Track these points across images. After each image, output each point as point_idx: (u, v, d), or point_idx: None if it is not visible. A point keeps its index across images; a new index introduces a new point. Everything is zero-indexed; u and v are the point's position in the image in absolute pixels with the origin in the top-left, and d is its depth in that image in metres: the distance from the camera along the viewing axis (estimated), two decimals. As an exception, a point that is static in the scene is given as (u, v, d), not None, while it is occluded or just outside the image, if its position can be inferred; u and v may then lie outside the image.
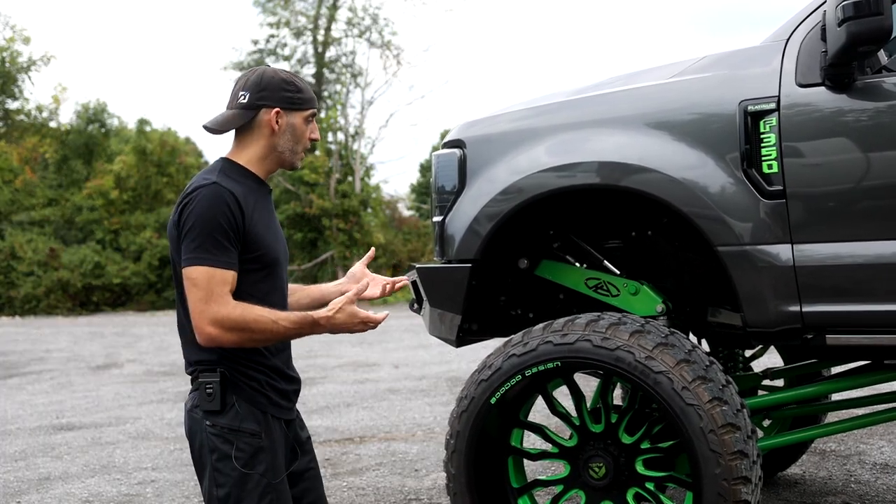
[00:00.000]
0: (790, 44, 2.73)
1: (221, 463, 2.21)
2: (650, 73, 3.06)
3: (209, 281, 2.14)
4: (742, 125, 2.70)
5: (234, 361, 2.25)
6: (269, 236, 2.31)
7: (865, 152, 2.59)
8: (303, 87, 2.35)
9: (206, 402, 2.23)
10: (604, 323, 2.77)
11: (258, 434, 2.24)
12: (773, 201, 2.66)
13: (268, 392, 2.29)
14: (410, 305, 3.69)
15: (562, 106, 3.11)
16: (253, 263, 2.25)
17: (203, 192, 2.19)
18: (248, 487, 2.21)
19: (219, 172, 2.27)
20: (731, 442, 2.59)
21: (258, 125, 2.31)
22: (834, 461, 4.67)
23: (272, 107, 2.29)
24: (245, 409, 2.24)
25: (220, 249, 2.16)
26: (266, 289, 2.30)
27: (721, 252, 2.74)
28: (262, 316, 2.16)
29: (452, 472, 2.95)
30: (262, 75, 2.32)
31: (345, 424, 6.40)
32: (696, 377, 2.64)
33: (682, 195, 2.78)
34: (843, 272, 2.62)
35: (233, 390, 2.24)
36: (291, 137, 2.33)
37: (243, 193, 2.24)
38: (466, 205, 3.14)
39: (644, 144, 2.87)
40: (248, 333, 2.16)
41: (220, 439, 2.22)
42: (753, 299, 2.72)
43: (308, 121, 2.36)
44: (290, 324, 2.20)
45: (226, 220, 2.17)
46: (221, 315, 2.13)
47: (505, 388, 2.86)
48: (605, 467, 2.84)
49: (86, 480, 4.99)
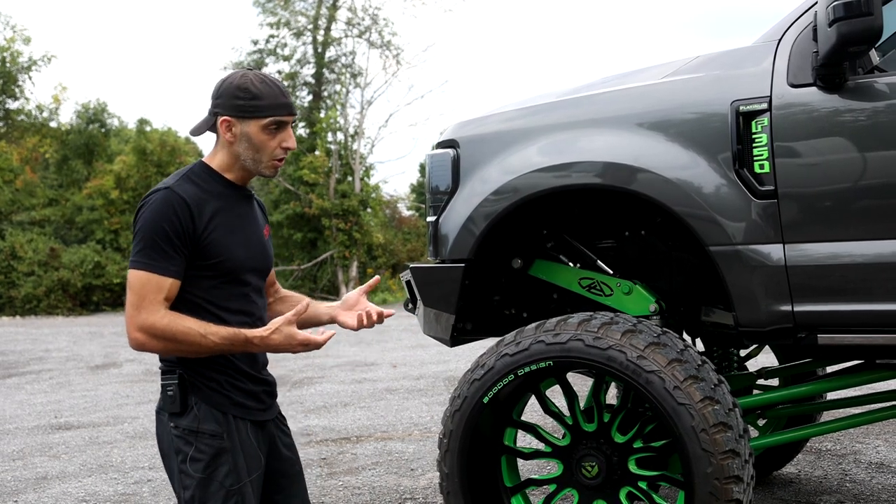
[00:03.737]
0: (782, 44, 2.74)
1: (185, 465, 2.21)
2: (643, 73, 3.07)
3: (143, 286, 2.13)
4: (734, 125, 2.71)
5: (194, 362, 2.23)
6: (231, 243, 2.26)
7: (857, 152, 2.59)
8: (259, 93, 2.21)
9: (168, 404, 2.23)
10: (596, 322, 2.78)
11: (219, 435, 2.22)
12: (765, 201, 2.67)
13: (229, 392, 2.27)
14: (405, 305, 3.70)
15: (555, 106, 3.12)
16: (209, 270, 2.22)
17: (155, 196, 2.19)
18: (210, 490, 2.20)
19: (182, 176, 2.25)
20: (722, 441, 2.59)
21: (218, 133, 2.28)
22: (829, 460, 4.68)
23: (223, 115, 2.23)
24: (204, 411, 2.22)
25: (160, 255, 2.14)
26: (224, 295, 2.26)
27: (713, 252, 2.75)
28: (189, 329, 2.14)
29: (446, 472, 2.96)
30: (223, 81, 2.26)
31: (342, 424, 6.41)
32: (687, 376, 2.65)
33: (674, 195, 2.79)
34: (834, 272, 2.62)
35: (192, 392, 2.23)
36: (249, 147, 2.25)
37: (201, 199, 2.21)
38: (460, 205, 3.15)
39: (636, 144, 2.87)
40: (174, 343, 2.14)
41: (183, 441, 2.21)
42: (745, 299, 2.73)
43: (269, 129, 2.23)
44: (220, 339, 2.16)
45: (171, 226, 2.14)
46: (149, 322, 2.12)
47: (498, 387, 2.86)
48: (597, 466, 2.84)
49: (83, 480, 5.00)
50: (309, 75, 29.25)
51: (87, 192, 29.21)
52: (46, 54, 31.52)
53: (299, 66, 29.11)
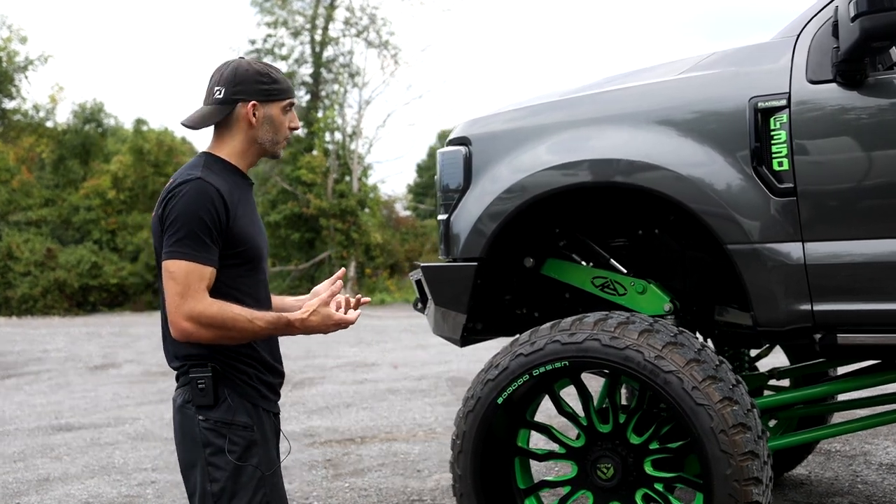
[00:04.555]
0: (801, 40, 2.70)
1: (215, 457, 2.20)
2: (658, 70, 3.04)
3: (187, 276, 2.14)
4: (752, 122, 2.67)
5: (225, 356, 2.24)
6: (252, 231, 2.31)
7: (877, 149, 2.56)
8: (278, 77, 2.34)
9: (198, 397, 2.22)
10: (612, 322, 2.74)
11: (250, 427, 2.24)
12: (784, 199, 2.64)
13: (257, 385, 2.29)
14: (414, 305, 3.66)
15: (569, 102, 3.08)
16: (237, 258, 2.25)
17: (188, 187, 2.19)
18: (242, 481, 2.21)
19: (202, 167, 2.26)
20: (741, 442, 2.56)
21: (236, 119, 2.30)
22: (839, 461, 4.65)
23: (248, 100, 2.28)
24: (237, 403, 2.24)
25: (200, 245, 2.15)
26: (251, 283, 2.30)
27: (731, 250, 2.71)
28: (238, 315, 2.16)
29: (459, 473, 2.92)
30: (237, 69, 2.31)
31: (345, 425, 6.36)
32: (706, 377, 2.61)
33: (691, 193, 2.75)
34: (854, 270, 2.59)
35: (224, 384, 2.23)
36: (270, 129, 2.33)
37: (228, 189, 2.24)
38: (472, 203, 3.11)
39: (652, 141, 2.84)
40: (223, 331, 2.16)
41: (214, 433, 2.21)
42: (764, 298, 2.69)
43: (286, 110, 2.35)
44: (266, 324, 2.19)
45: (209, 216, 2.16)
46: (198, 311, 2.13)
47: (512, 387, 2.83)
48: (613, 468, 2.81)
49: (85, 482, 4.95)
50: (307, 75, 29.20)
51: (83, 192, 29.13)
52: (43, 54, 31.42)
53: (297, 65, 29.06)
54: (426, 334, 14.23)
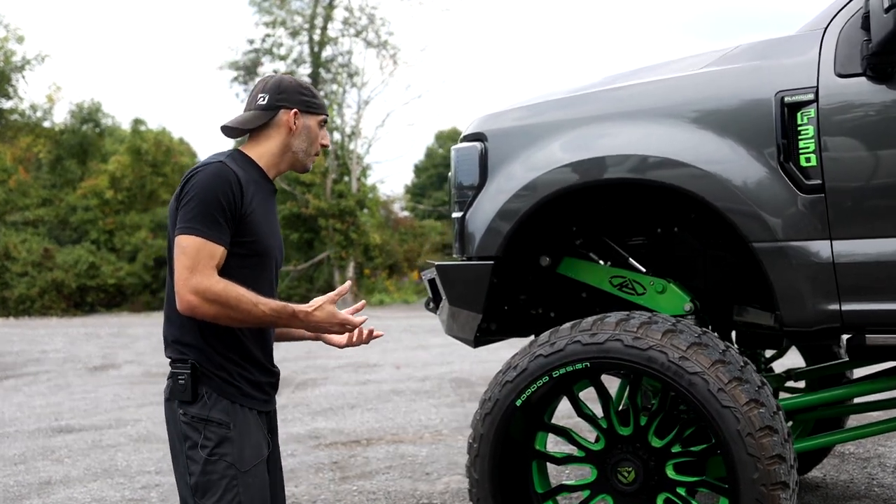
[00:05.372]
0: (828, 32, 2.63)
1: (192, 451, 2.24)
2: (679, 63, 2.96)
3: (198, 251, 2.18)
4: (778, 117, 2.60)
5: (209, 351, 2.27)
6: (265, 227, 2.36)
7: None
8: (317, 93, 2.49)
9: (178, 392, 2.27)
10: (635, 322, 2.67)
11: (226, 424, 2.26)
12: (812, 196, 2.57)
13: (239, 383, 2.31)
14: (426, 304, 3.59)
15: (588, 97, 3.00)
16: (243, 248, 2.29)
17: (208, 168, 2.26)
18: (213, 477, 2.24)
19: (227, 156, 2.34)
20: (769, 445, 2.49)
21: (276, 125, 2.40)
22: (854, 464, 4.58)
23: (291, 108, 2.40)
24: (214, 399, 2.26)
25: (213, 224, 2.20)
26: (254, 276, 2.32)
27: (756, 248, 2.64)
28: (243, 296, 2.19)
29: (476, 478, 2.84)
30: (281, 80, 2.44)
31: (350, 426, 6.29)
32: (731, 378, 2.54)
33: (716, 190, 2.68)
34: (884, 269, 2.52)
35: (203, 381, 2.26)
36: (306, 139, 2.43)
37: (247, 180, 2.30)
38: (488, 200, 3.04)
39: (675, 137, 2.77)
40: (227, 310, 2.17)
41: (191, 428, 2.25)
42: (790, 298, 2.62)
43: (320, 125, 2.46)
44: (270, 310, 2.23)
45: (225, 197, 2.21)
46: (205, 285, 2.16)
47: (531, 389, 2.76)
48: (634, 472, 2.74)
49: (88, 485, 4.87)
50: (305, 75, 29.09)
51: (81, 192, 29.05)
52: (40, 53, 31.33)
53: (295, 65, 28.97)
54: (427, 335, 14.14)
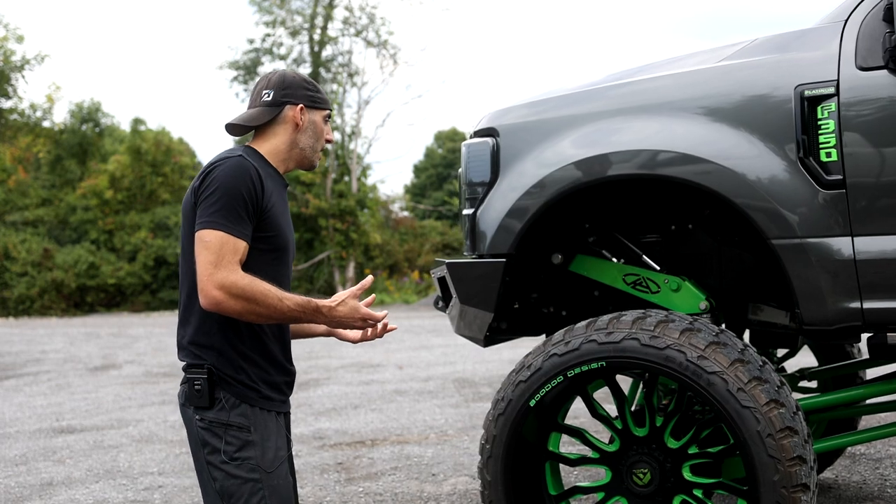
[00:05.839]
0: (849, 25, 2.58)
1: (212, 456, 2.21)
2: (695, 58, 2.92)
3: (222, 246, 2.14)
4: (798, 111, 2.56)
5: (225, 354, 2.23)
6: (283, 222, 2.34)
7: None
8: (320, 88, 2.46)
9: (194, 398, 2.23)
10: (651, 320, 2.62)
11: (246, 428, 2.23)
12: (832, 191, 2.52)
13: (258, 385, 2.27)
14: (435, 303, 3.53)
15: (602, 92, 2.95)
16: (264, 243, 2.26)
17: (229, 162, 2.23)
18: (238, 482, 2.21)
19: (243, 151, 2.32)
20: (789, 447, 2.44)
21: (282, 121, 2.37)
22: (865, 465, 4.53)
23: (296, 103, 2.37)
24: (232, 404, 2.23)
25: (236, 218, 2.17)
26: (274, 271, 2.29)
27: (776, 245, 2.59)
28: (268, 290, 2.16)
29: (488, 479, 2.79)
30: (284, 75, 2.41)
31: (354, 427, 6.23)
32: (751, 377, 2.49)
33: (734, 185, 2.63)
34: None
35: (221, 385, 2.23)
36: (313, 134, 2.40)
37: (264, 174, 2.28)
38: (500, 197, 2.98)
39: (691, 132, 2.72)
40: (252, 304, 2.14)
41: (210, 433, 2.22)
42: (810, 295, 2.57)
43: (325, 120, 2.44)
44: (295, 305, 2.20)
45: (247, 191, 2.19)
46: (230, 280, 2.12)
47: (545, 389, 2.71)
48: (650, 473, 2.69)
49: (90, 486, 4.81)
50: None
51: (81, 191, 28.95)
52: (40, 53, 31.13)
53: (295, 65, 28.87)
54: (428, 335, 14.08)
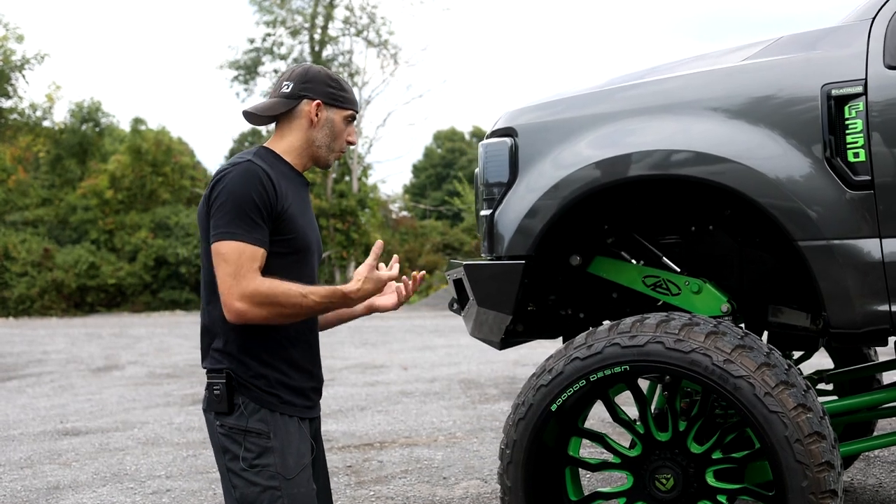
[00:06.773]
0: (876, 23, 2.54)
1: (232, 463, 2.20)
2: (718, 57, 2.87)
3: (239, 256, 2.12)
4: (825, 111, 2.51)
5: (244, 361, 2.22)
6: (302, 222, 2.31)
7: (962, 139, 2.40)
8: (346, 87, 2.39)
9: (214, 403, 2.23)
10: (676, 323, 2.57)
11: (265, 434, 2.21)
12: (860, 192, 2.48)
13: (277, 391, 2.25)
14: (450, 305, 3.49)
15: (622, 92, 2.91)
16: (283, 246, 2.24)
17: (237, 168, 2.19)
18: (257, 489, 2.19)
19: (254, 154, 2.28)
20: (818, 452, 2.39)
21: (298, 115, 2.33)
22: (880, 468, 4.49)
23: (314, 98, 2.32)
24: (252, 409, 2.22)
25: (250, 226, 2.14)
26: (295, 273, 2.25)
27: (802, 247, 2.55)
28: (290, 289, 2.14)
29: (508, 485, 2.74)
30: (309, 69, 2.37)
31: (362, 429, 6.18)
32: (778, 382, 2.45)
33: (759, 186, 2.59)
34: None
35: (240, 391, 2.22)
36: (329, 133, 2.35)
37: (276, 176, 2.24)
38: (519, 198, 2.93)
39: (714, 131, 2.67)
40: (277, 308, 2.13)
41: (230, 440, 2.21)
42: (837, 298, 2.53)
43: (347, 121, 2.38)
44: (320, 297, 2.18)
45: (258, 196, 2.15)
46: (251, 289, 2.10)
47: (567, 394, 2.65)
48: (673, 479, 2.64)
49: (97, 489, 4.76)
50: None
51: (81, 191, 28.93)
52: (40, 53, 31.15)
53: (296, 64, 28.88)
54: (431, 335, 14.05)
